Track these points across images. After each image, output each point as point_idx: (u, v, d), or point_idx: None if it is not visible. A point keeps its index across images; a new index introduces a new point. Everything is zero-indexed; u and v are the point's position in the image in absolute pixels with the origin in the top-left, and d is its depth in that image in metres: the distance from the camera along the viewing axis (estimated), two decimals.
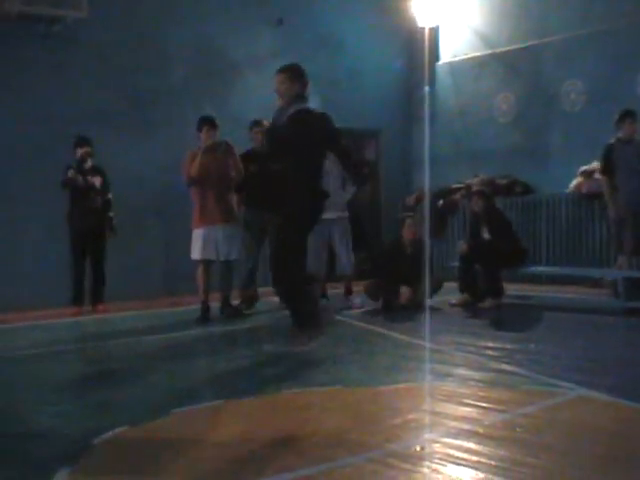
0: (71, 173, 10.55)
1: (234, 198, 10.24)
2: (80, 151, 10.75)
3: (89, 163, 10.76)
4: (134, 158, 11.34)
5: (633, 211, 10.27)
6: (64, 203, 10.78)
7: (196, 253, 9.90)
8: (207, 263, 9.97)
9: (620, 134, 10.34)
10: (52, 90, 11.45)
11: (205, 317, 9.89)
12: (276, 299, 10.19)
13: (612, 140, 10.39)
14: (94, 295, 10.93)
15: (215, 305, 10.02)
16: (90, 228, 10.69)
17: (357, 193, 10.86)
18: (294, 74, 7.65)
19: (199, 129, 10.02)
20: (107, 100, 11.86)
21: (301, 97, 7.65)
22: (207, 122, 10.05)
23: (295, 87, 7.60)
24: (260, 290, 10.80)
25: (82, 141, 10.81)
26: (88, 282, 10.94)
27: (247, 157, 10.55)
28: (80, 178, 10.61)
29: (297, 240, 7.31)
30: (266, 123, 10.49)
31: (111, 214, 10.95)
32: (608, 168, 10.48)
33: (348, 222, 10.68)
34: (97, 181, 10.75)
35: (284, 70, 7.68)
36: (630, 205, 10.26)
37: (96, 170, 10.85)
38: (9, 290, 10.83)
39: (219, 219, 9.87)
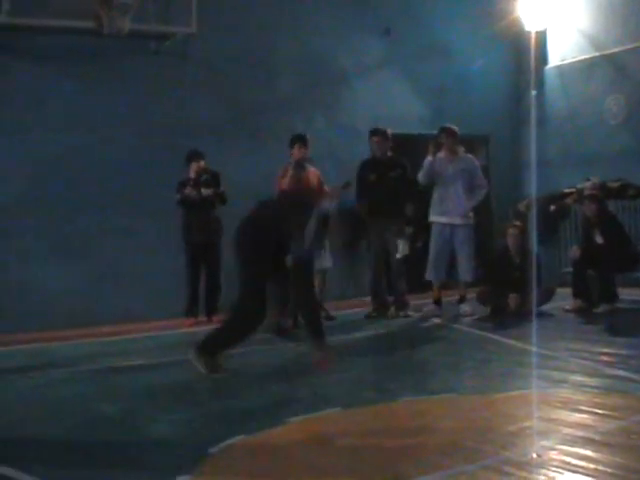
0: (188, 190, 10.76)
1: None
2: (195, 165, 10.95)
3: (203, 177, 10.96)
4: (243, 169, 11.45)
5: None
6: (177, 214, 11.03)
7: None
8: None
9: None
10: (163, 104, 11.68)
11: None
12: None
13: None
14: (209, 306, 11.03)
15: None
16: (206, 240, 10.85)
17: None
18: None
19: (291, 146, 10.41)
20: (217, 113, 12.05)
21: None
22: (299, 139, 10.44)
23: None
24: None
25: (195, 155, 10.99)
26: (202, 293, 11.11)
27: (367, 165, 10.68)
28: (194, 193, 10.80)
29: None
30: (387, 131, 10.62)
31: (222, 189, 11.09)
32: None
33: (472, 229, 10.68)
34: (210, 192, 10.90)
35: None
36: None
37: (210, 180, 10.99)
38: (124, 301, 11.10)
39: None
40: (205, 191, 10.76)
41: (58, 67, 11.05)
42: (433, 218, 10.64)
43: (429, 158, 10.57)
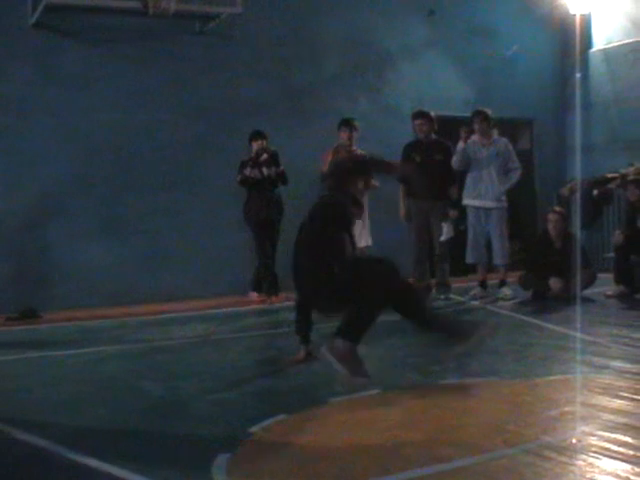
0: (248, 171, 10.86)
1: None
2: (255, 145, 11.05)
3: (264, 156, 11.04)
4: (290, 149, 11.51)
5: None
6: (225, 194, 11.18)
7: None
8: None
9: None
10: (209, 85, 11.78)
11: None
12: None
13: None
14: (270, 285, 11.12)
15: None
16: (266, 218, 10.94)
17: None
18: None
19: (339, 128, 10.86)
20: (262, 93, 12.12)
21: None
22: (345, 123, 10.90)
23: None
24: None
25: (257, 135, 11.11)
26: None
27: (411, 147, 10.75)
28: (256, 171, 10.89)
29: None
30: (431, 113, 10.68)
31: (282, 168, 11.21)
32: None
33: (505, 212, 10.68)
34: (272, 171, 11.01)
35: None
36: None
37: (269, 160, 11.08)
38: (170, 280, 11.24)
39: None
40: (266, 170, 10.84)
41: (105, 47, 11.20)
42: (467, 201, 10.66)
43: (461, 144, 10.60)
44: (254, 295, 11.21)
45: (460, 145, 10.66)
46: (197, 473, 4.21)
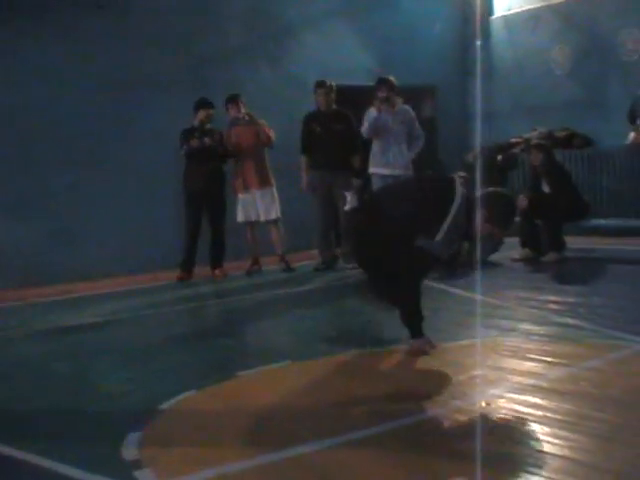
0: (194, 142, 10.65)
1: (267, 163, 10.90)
2: (202, 113, 10.85)
3: (208, 125, 10.87)
4: (190, 120, 11.35)
5: None
6: (128, 169, 11.03)
7: (239, 216, 10.85)
8: (251, 224, 10.89)
9: None
10: (111, 58, 11.51)
11: (254, 271, 10.94)
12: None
13: None
14: (214, 259, 10.96)
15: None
16: (207, 189, 10.71)
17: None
18: None
19: (225, 106, 10.96)
20: (164, 65, 11.90)
21: None
22: (230, 99, 10.92)
23: None
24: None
25: (204, 104, 10.90)
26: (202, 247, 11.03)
27: (311, 118, 10.70)
28: (199, 141, 10.68)
29: None
30: (332, 83, 10.67)
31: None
32: (631, 119, 10.66)
33: None
34: (216, 141, 10.82)
35: None
36: None
37: (214, 130, 10.92)
38: (79, 258, 11.01)
39: (255, 183, 10.72)
40: (208, 140, 10.67)
41: (1, 23, 10.85)
42: (374, 170, 10.61)
43: (373, 112, 10.53)
44: (216, 271, 10.95)
45: (373, 114, 10.58)
46: (107, 451, 4.13)
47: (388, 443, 3.99)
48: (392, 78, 10.57)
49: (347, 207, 10.53)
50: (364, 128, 10.49)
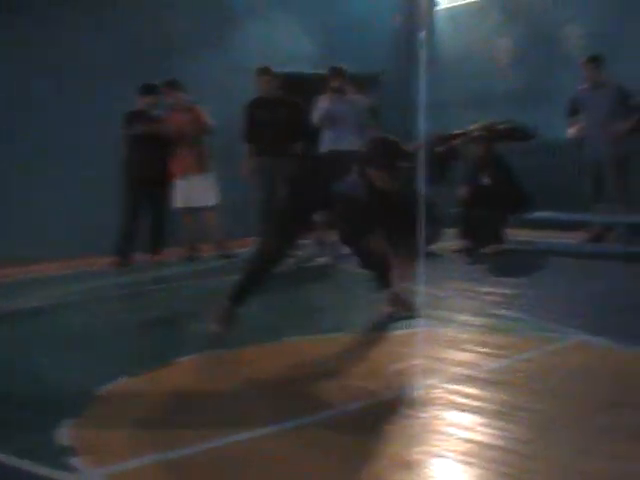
0: (139, 126, 10.50)
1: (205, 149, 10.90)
2: (148, 98, 10.75)
3: (154, 111, 10.78)
4: (131, 107, 11.20)
5: (596, 158, 10.71)
6: (76, 151, 10.93)
7: (177, 202, 10.77)
8: (189, 210, 10.83)
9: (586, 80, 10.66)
10: (49, 42, 11.33)
11: (191, 258, 10.88)
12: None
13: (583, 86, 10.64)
14: (152, 245, 10.82)
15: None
16: (149, 175, 10.59)
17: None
18: None
19: (164, 92, 10.88)
20: (105, 50, 11.73)
21: None
22: (168, 85, 10.84)
23: None
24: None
25: (150, 89, 10.80)
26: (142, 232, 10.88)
27: (254, 105, 10.65)
28: (142, 126, 10.54)
29: None
30: (272, 70, 10.63)
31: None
32: (571, 113, 10.95)
33: None
34: (154, 126, 10.69)
35: None
36: (594, 152, 10.70)
37: (161, 116, 10.85)
38: (8, 241, 10.85)
39: (193, 169, 10.64)
40: (152, 125, 10.57)
41: None
42: None
43: (326, 102, 10.50)
44: (154, 257, 10.82)
45: (325, 102, 10.53)
46: (42, 437, 4.06)
47: (322, 431, 3.97)
48: (343, 66, 10.55)
49: None
50: (315, 117, 10.46)
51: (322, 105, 10.46)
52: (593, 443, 3.68)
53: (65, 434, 4.08)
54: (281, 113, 10.55)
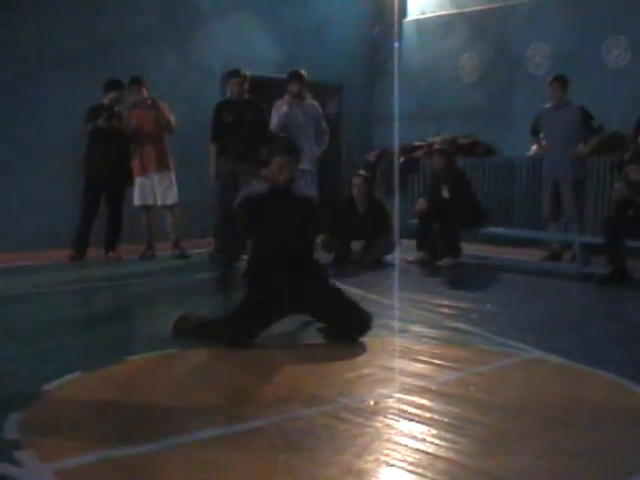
0: (101, 121, 10.41)
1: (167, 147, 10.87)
2: (113, 94, 10.67)
3: (117, 108, 10.71)
4: (92, 101, 11.13)
5: (554, 177, 10.76)
6: (35, 142, 10.81)
7: (136, 199, 10.83)
8: (147, 208, 10.88)
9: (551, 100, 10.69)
10: (12, 35, 11.21)
11: (148, 256, 10.85)
12: None
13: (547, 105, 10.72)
14: (108, 241, 10.78)
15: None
16: (108, 171, 10.51)
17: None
18: None
19: (128, 88, 10.84)
20: (68, 44, 11.63)
21: None
22: (133, 81, 10.83)
23: None
24: None
25: (115, 84, 10.72)
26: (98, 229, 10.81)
27: (223, 107, 10.61)
28: (107, 122, 10.44)
29: None
30: (243, 73, 10.59)
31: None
32: (535, 132, 10.99)
33: (316, 176, 10.65)
34: (116, 122, 10.63)
35: None
36: (553, 172, 10.78)
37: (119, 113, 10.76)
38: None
39: (154, 167, 10.66)
40: (115, 122, 10.53)
41: None
42: None
43: (284, 107, 10.47)
44: (110, 254, 10.73)
45: (284, 110, 10.49)
46: None
47: (267, 439, 3.92)
48: (303, 72, 10.54)
49: None
50: (273, 123, 10.43)
51: (282, 110, 10.43)
52: (538, 461, 3.67)
53: (11, 428, 4.01)
54: (249, 116, 10.54)
